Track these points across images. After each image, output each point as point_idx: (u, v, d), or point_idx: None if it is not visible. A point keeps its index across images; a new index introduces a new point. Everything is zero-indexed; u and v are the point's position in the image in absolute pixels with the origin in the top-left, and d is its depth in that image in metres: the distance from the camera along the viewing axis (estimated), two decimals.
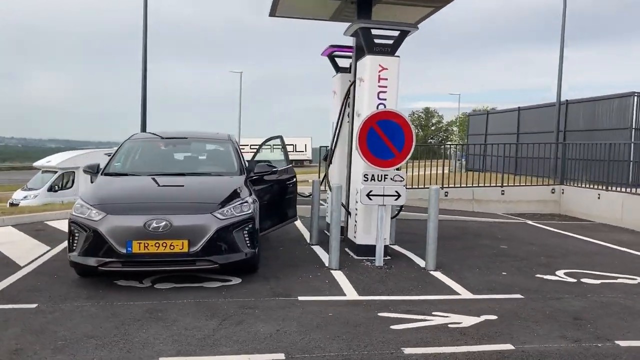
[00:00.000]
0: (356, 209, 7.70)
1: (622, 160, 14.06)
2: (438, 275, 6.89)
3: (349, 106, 9.30)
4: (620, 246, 9.49)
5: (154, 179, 6.81)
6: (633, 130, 15.22)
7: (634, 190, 12.02)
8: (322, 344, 4.53)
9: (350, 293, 6.03)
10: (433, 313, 5.39)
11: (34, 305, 5.36)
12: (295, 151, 60.13)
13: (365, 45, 7.66)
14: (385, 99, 7.54)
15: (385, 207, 7.26)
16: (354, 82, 8.46)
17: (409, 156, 7.24)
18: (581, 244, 9.70)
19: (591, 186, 13.39)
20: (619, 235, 10.75)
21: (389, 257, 7.62)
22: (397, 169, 7.29)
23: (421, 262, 7.50)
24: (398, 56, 7.59)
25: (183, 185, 6.67)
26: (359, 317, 5.20)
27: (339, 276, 6.67)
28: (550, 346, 4.59)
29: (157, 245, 5.75)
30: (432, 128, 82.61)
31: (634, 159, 14.50)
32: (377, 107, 7.52)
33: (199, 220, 5.92)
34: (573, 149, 14.83)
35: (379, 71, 7.49)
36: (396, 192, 7.21)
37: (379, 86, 7.51)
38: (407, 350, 4.42)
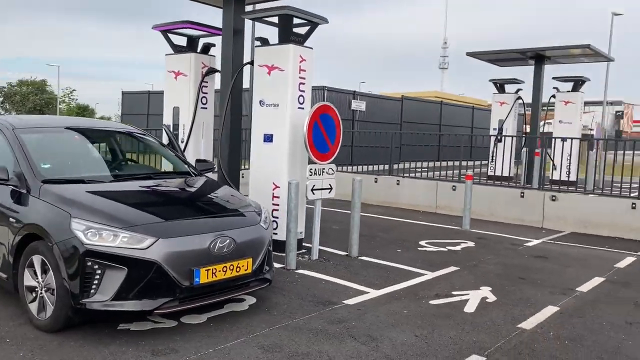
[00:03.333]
0: (277, 205, 7.39)
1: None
2: (372, 259, 7.44)
3: (202, 91, 8.61)
4: (404, 218, 11.66)
5: (138, 184, 5.12)
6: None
7: (406, 174, 14.27)
8: (494, 344, 4.80)
9: (366, 289, 6.07)
10: (453, 293, 6.11)
11: None
12: None
13: (282, 34, 7.37)
14: (304, 91, 7.47)
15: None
16: (243, 66, 7.95)
17: (339, 148, 7.44)
18: (382, 221, 11.44)
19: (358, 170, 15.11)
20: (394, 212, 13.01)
21: (305, 250, 7.62)
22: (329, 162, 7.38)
23: (330, 249, 7.85)
24: (312, 48, 7.59)
25: (189, 192, 5.26)
26: (439, 311, 5.46)
27: (318, 274, 6.53)
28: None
29: (224, 269, 4.58)
30: None
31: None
32: (298, 99, 7.40)
33: (255, 233, 4.95)
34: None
35: (300, 62, 7.36)
36: (329, 185, 7.34)
37: (300, 77, 7.39)
38: (526, 325, 5.15)
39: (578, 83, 17.15)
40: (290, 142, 7.30)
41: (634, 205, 10.24)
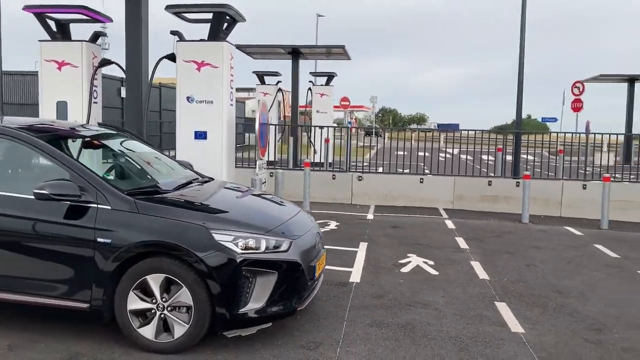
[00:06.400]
0: None
1: None
2: None
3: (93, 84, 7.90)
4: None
5: (205, 189, 4.94)
6: None
7: None
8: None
9: (343, 269, 6.83)
10: (400, 262, 7.37)
11: None
12: None
13: (214, 30, 7.38)
14: (232, 88, 7.62)
15: None
16: (160, 59, 7.57)
17: (268, 143, 7.83)
18: None
19: None
20: None
21: None
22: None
23: None
24: (234, 45, 7.73)
25: (254, 195, 5.27)
26: (413, 276, 6.65)
27: None
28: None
29: (322, 262, 4.93)
30: None
31: None
32: (230, 96, 7.53)
33: (319, 229, 5.30)
34: None
35: (230, 59, 7.50)
36: (265, 178, 7.71)
37: (230, 75, 7.53)
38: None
39: (330, 78, 19.84)
40: (227, 139, 7.41)
41: (421, 180, 12.99)
